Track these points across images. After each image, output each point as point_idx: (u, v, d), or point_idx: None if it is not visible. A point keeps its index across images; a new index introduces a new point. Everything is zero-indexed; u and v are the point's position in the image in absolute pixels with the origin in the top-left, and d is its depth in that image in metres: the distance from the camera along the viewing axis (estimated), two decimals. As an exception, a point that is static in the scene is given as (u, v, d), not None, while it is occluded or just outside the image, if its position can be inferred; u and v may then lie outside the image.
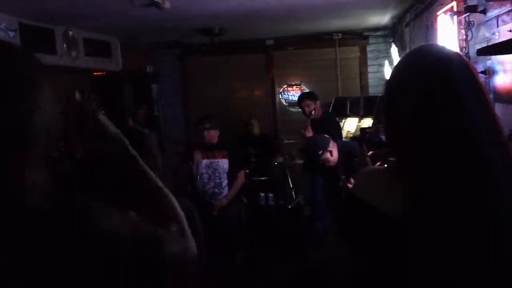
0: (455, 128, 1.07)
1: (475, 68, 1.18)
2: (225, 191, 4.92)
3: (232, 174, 5.00)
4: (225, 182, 4.93)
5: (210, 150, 4.91)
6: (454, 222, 1.04)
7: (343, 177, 3.14)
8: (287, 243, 5.45)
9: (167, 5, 4.60)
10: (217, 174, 4.89)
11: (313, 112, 5.42)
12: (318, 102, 5.53)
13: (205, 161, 4.87)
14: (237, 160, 5.07)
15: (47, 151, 0.96)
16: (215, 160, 4.90)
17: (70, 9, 4.66)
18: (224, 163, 4.92)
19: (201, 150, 4.90)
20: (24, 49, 1.05)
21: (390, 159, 1.29)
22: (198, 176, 4.89)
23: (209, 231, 4.29)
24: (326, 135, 4.11)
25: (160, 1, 4.51)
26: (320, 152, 3.84)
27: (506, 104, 2.95)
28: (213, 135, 4.92)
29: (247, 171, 6.11)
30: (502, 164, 1.06)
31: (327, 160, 3.86)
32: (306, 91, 7.47)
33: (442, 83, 1.10)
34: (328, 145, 3.85)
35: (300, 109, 5.72)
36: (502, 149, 1.08)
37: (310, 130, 5.18)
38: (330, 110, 6.93)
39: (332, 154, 3.88)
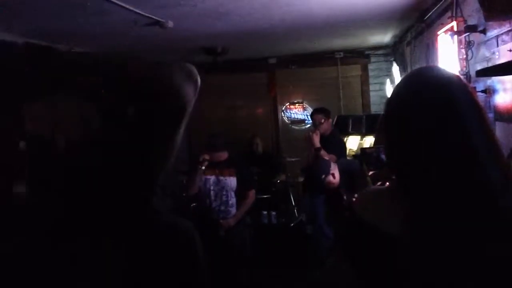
0: (457, 150, 1.08)
1: (474, 90, 1.20)
2: (233, 209, 4.83)
3: (241, 193, 4.95)
4: (232, 201, 4.83)
5: (219, 167, 4.85)
6: (455, 243, 1.04)
7: (344, 197, 3.14)
8: (290, 261, 5.43)
9: (170, 24, 4.65)
10: (224, 192, 4.80)
11: (322, 122, 5.48)
12: (330, 120, 5.62)
13: (213, 178, 4.81)
14: (247, 179, 4.98)
15: None
16: (223, 178, 4.83)
17: (72, 29, 4.70)
18: (231, 181, 4.82)
19: (209, 167, 4.82)
20: None
21: (390, 179, 1.30)
22: (206, 193, 4.82)
23: (214, 250, 4.24)
24: (327, 159, 4.12)
25: (163, 21, 4.56)
26: (323, 176, 3.84)
27: (507, 123, 2.96)
28: (221, 154, 4.84)
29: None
30: (503, 186, 1.07)
31: (330, 183, 3.87)
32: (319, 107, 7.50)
33: (444, 106, 1.11)
34: (329, 169, 3.86)
35: (303, 127, 5.74)
36: (503, 171, 1.09)
37: (318, 133, 5.20)
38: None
39: (335, 176, 3.89)
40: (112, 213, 0.98)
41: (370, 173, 3.09)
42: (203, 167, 4.72)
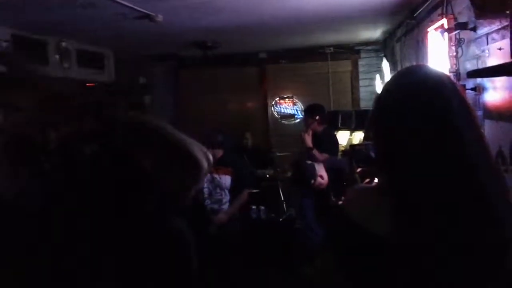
0: (447, 149, 1.08)
1: (463, 89, 1.20)
2: (225, 207, 4.81)
3: (235, 192, 4.87)
4: (225, 199, 4.79)
5: (214, 165, 4.76)
6: (444, 243, 1.04)
7: (332, 194, 3.16)
8: (280, 256, 5.43)
9: (160, 18, 4.62)
10: (218, 191, 4.75)
11: (311, 122, 5.42)
12: (317, 117, 5.50)
13: (207, 176, 4.75)
14: (243, 178, 4.94)
15: None
16: (218, 176, 4.79)
17: (63, 21, 4.67)
18: (226, 180, 4.78)
19: None
20: None
21: (379, 176, 1.30)
22: (199, 190, 4.77)
23: (206, 248, 4.21)
24: (310, 162, 4.11)
25: (153, 14, 4.53)
26: (312, 181, 3.85)
27: (496, 121, 2.98)
28: (218, 152, 4.75)
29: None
30: (492, 185, 1.07)
31: (320, 184, 3.88)
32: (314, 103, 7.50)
33: (434, 104, 1.11)
34: (316, 171, 3.87)
35: (292, 122, 5.72)
36: (492, 170, 1.10)
37: (310, 133, 5.17)
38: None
39: (323, 177, 3.90)
40: (107, 214, 0.97)
41: (359, 170, 3.09)
42: None
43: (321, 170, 3.86)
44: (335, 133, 6.80)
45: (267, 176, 6.86)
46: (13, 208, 0.98)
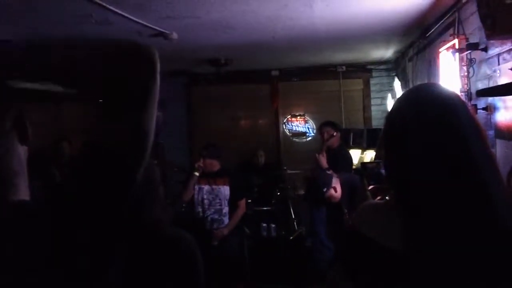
0: (457, 167, 1.09)
1: (473, 108, 1.21)
2: (226, 218, 4.89)
3: (233, 203, 4.99)
4: (225, 209, 4.91)
5: (212, 177, 4.93)
6: (454, 258, 1.05)
7: (346, 211, 3.15)
8: (289, 275, 5.41)
9: (174, 36, 4.68)
10: (217, 200, 4.89)
11: (330, 136, 5.46)
12: (338, 133, 5.63)
13: (206, 187, 4.89)
14: (239, 189, 5.06)
15: None
16: (217, 187, 4.91)
17: (78, 37, 4.73)
18: (225, 190, 4.92)
19: (202, 177, 4.91)
20: None
21: (390, 193, 1.31)
22: (199, 202, 4.88)
23: (209, 261, 4.24)
24: (329, 172, 4.13)
25: (167, 32, 4.60)
26: (325, 189, 3.85)
27: (507, 141, 2.97)
28: (211, 163, 4.93)
29: (250, 200, 6.11)
30: (503, 202, 1.08)
31: (332, 196, 3.88)
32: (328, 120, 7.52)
33: (444, 123, 1.12)
34: (331, 182, 3.87)
35: (303, 140, 5.73)
36: (502, 188, 1.10)
37: (325, 154, 5.18)
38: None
39: (336, 190, 3.89)
40: (113, 225, 0.99)
41: (370, 187, 3.10)
42: (197, 173, 4.80)
43: (336, 182, 3.86)
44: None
45: (278, 193, 6.85)
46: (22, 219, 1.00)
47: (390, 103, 6.69)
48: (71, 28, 4.36)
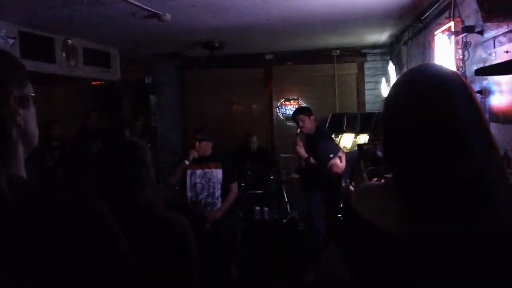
0: (454, 148, 1.08)
1: (472, 88, 1.20)
2: (218, 201, 4.90)
3: (225, 186, 4.99)
4: (218, 192, 4.91)
5: (205, 161, 4.92)
6: (453, 240, 1.04)
7: (343, 185, 3.15)
8: (282, 258, 5.44)
9: (168, 17, 4.63)
10: (211, 184, 4.88)
11: (302, 125, 5.34)
12: (312, 117, 5.46)
13: (199, 171, 4.88)
14: (231, 172, 5.06)
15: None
16: (209, 170, 4.90)
17: (68, 18, 4.67)
18: (218, 173, 4.91)
19: (195, 161, 4.90)
20: None
21: (387, 175, 1.30)
22: (192, 186, 4.87)
23: (202, 244, 4.25)
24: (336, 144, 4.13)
25: (161, 14, 4.55)
26: (331, 155, 3.85)
27: (502, 124, 2.98)
28: (204, 146, 4.90)
29: (243, 184, 6.12)
30: (500, 183, 1.07)
31: (335, 165, 3.87)
32: (303, 105, 7.52)
33: (442, 103, 1.11)
34: (338, 151, 3.88)
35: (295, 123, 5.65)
36: (499, 169, 1.10)
37: (301, 144, 5.16)
38: (327, 126, 6.96)
39: (341, 160, 3.89)
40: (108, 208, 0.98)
41: (367, 169, 3.10)
42: (187, 162, 4.79)
43: (342, 154, 3.84)
44: (340, 136, 6.82)
45: (271, 177, 6.87)
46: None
47: (384, 88, 6.68)
48: (63, 10, 4.30)
